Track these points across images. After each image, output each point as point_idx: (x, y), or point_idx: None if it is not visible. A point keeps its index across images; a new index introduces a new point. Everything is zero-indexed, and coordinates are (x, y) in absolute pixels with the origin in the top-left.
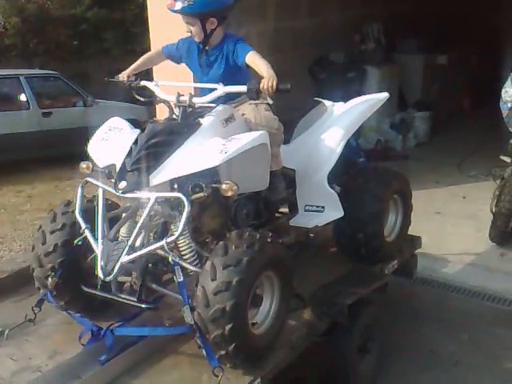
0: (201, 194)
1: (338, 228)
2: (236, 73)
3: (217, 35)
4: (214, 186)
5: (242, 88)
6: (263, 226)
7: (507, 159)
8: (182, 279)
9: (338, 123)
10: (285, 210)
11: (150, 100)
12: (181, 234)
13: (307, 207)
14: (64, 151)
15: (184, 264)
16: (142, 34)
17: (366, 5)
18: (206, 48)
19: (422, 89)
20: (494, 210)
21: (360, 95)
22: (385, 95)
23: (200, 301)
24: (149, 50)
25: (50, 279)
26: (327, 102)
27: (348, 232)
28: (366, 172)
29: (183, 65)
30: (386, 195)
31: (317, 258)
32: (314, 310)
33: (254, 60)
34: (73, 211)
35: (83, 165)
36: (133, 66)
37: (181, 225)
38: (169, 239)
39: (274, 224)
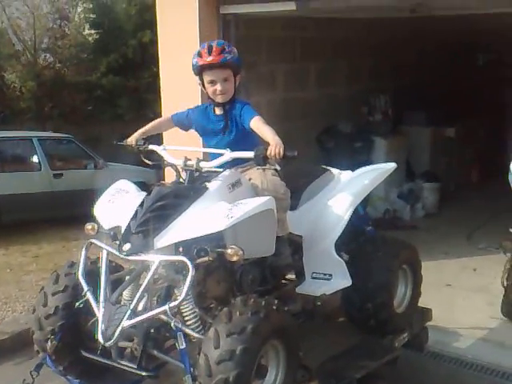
0: (206, 259)
1: (346, 297)
2: (246, 137)
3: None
4: (219, 250)
5: (249, 154)
6: (269, 292)
7: None
8: (184, 346)
9: (345, 191)
10: (292, 276)
11: (158, 164)
12: (184, 299)
13: (314, 274)
14: (73, 212)
15: (187, 330)
16: (154, 100)
17: (373, 78)
18: (226, 108)
19: (430, 160)
20: (505, 284)
21: (367, 165)
22: (392, 165)
23: (202, 370)
24: (160, 115)
25: (49, 343)
26: (334, 170)
27: (356, 302)
28: (374, 241)
29: (192, 130)
30: (395, 265)
31: (324, 328)
32: (322, 383)
33: (259, 126)
34: (75, 273)
35: (88, 226)
36: (142, 130)
37: (184, 289)
38: (172, 304)
39: (281, 291)
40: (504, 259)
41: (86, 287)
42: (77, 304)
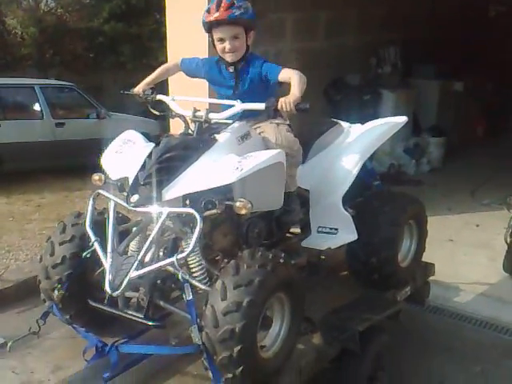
0: (213, 211)
1: (350, 251)
2: (258, 94)
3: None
4: (227, 203)
5: (260, 106)
6: (275, 245)
7: None
8: (191, 297)
9: (354, 145)
10: (295, 230)
11: (165, 114)
12: (192, 251)
13: (320, 228)
14: (75, 162)
15: (194, 282)
16: (157, 48)
17: (384, 29)
18: (238, 68)
19: (437, 114)
20: (508, 241)
21: (375, 118)
22: (403, 119)
23: (209, 321)
24: (164, 64)
25: (56, 292)
26: (344, 124)
27: (361, 256)
28: (381, 195)
29: (199, 79)
30: (402, 220)
31: (327, 281)
32: (324, 335)
33: (289, 75)
34: (82, 223)
35: (95, 176)
36: (148, 79)
37: (192, 241)
38: (179, 256)
39: (286, 244)
40: (507, 215)
41: (93, 237)
42: (84, 254)
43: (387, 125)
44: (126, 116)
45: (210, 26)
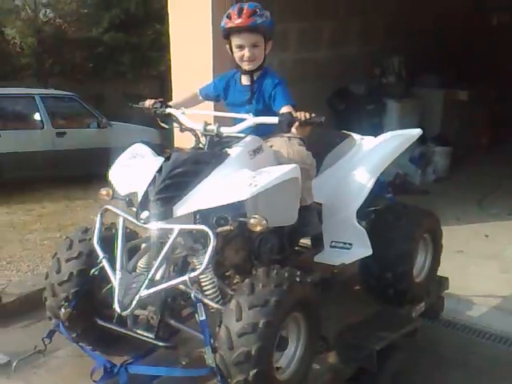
0: (227, 228)
1: (364, 266)
2: (271, 110)
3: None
4: (241, 219)
5: (274, 119)
6: (287, 261)
7: None
8: (204, 318)
9: (368, 158)
10: (305, 242)
11: (175, 127)
12: (205, 269)
13: (333, 243)
14: (76, 172)
15: (207, 301)
16: (157, 58)
17: (388, 38)
18: (254, 78)
19: (442, 124)
20: None
21: (380, 128)
22: (417, 131)
23: (223, 342)
24: (164, 73)
25: (63, 310)
26: (356, 136)
27: (376, 271)
28: (394, 209)
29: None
30: (418, 234)
31: (339, 296)
32: (341, 354)
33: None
34: (90, 239)
35: (103, 191)
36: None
37: (206, 259)
38: (192, 274)
39: (298, 259)
40: None
41: (101, 254)
42: (92, 271)
43: (401, 137)
44: (126, 125)
45: (229, 32)
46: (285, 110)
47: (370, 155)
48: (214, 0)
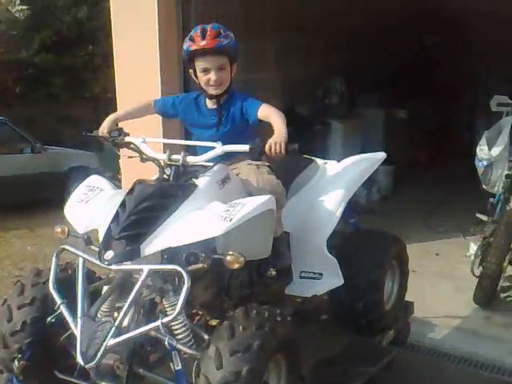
0: (199, 266)
1: (334, 296)
2: (242, 132)
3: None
4: (215, 257)
5: (244, 147)
6: (257, 296)
7: (484, 217)
8: (180, 367)
9: (335, 184)
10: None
11: (137, 157)
12: (179, 313)
13: (303, 273)
14: (10, 199)
15: (181, 347)
16: (91, 80)
17: (329, 58)
18: (220, 102)
19: (383, 143)
20: (476, 272)
21: (325, 149)
22: (382, 155)
23: None
24: (99, 95)
25: (16, 362)
26: (318, 160)
27: (346, 301)
28: (361, 235)
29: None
30: (386, 261)
31: (308, 327)
32: None
33: (267, 114)
34: (44, 282)
35: (58, 229)
36: (113, 117)
37: (180, 302)
38: (165, 319)
39: (268, 292)
40: (464, 243)
41: (59, 300)
42: (48, 319)
43: (367, 161)
44: (62, 149)
45: (192, 56)
46: (263, 111)
47: (337, 181)
48: (160, 14)
